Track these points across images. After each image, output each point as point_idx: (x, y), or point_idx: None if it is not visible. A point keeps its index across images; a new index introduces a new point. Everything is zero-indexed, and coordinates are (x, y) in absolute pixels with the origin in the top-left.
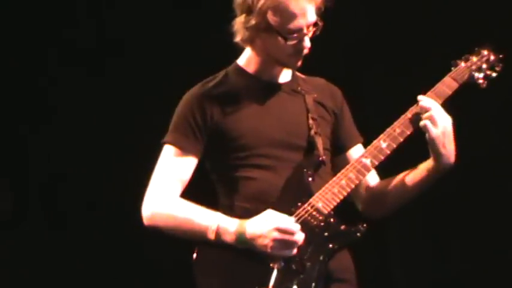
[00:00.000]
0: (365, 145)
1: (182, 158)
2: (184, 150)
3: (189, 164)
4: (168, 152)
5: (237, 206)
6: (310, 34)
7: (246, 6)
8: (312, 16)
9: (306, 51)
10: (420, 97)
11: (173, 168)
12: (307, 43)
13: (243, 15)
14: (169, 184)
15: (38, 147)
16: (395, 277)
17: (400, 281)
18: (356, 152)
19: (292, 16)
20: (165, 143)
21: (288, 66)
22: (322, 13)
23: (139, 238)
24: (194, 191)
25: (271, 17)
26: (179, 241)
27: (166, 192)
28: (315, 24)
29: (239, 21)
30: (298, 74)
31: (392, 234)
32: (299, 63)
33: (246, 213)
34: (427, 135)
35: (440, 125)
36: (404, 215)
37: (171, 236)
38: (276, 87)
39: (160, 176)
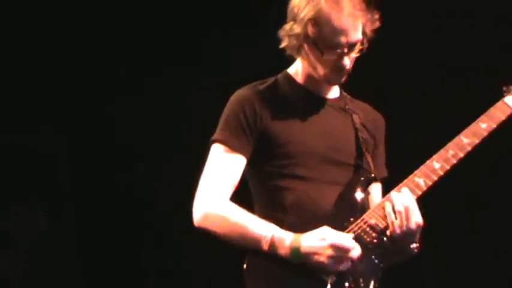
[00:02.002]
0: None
1: (233, 158)
2: (235, 149)
3: (239, 164)
4: (218, 150)
5: (272, 216)
6: (353, 54)
7: (293, 14)
8: (355, 35)
9: (346, 69)
10: (393, 194)
11: (224, 168)
12: (346, 61)
13: (290, 23)
14: (221, 185)
15: None
16: None
17: None
18: (375, 187)
19: (332, 31)
20: (214, 141)
21: (327, 82)
22: (369, 34)
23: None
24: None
25: (311, 28)
26: (228, 247)
27: (219, 194)
28: (361, 43)
29: (285, 29)
30: (345, 93)
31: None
32: (340, 80)
33: (281, 225)
34: (390, 229)
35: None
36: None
37: (220, 239)
38: (323, 102)
39: (211, 176)
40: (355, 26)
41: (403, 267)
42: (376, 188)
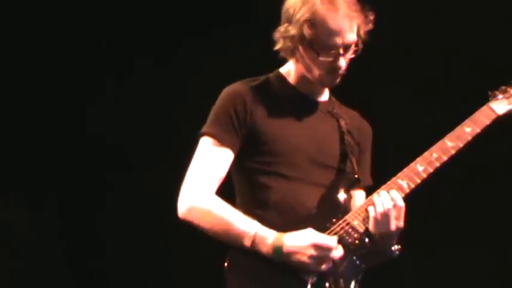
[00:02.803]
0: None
1: (221, 152)
2: (224, 143)
3: (227, 158)
4: (207, 144)
5: (253, 212)
6: (348, 55)
7: (288, 15)
8: (350, 37)
9: (341, 71)
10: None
11: (211, 162)
12: (341, 63)
13: (285, 25)
14: (207, 179)
15: None
16: None
17: None
18: (359, 194)
19: (328, 32)
20: (203, 134)
21: (321, 84)
22: (364, 37)
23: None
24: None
25: (306, 30)
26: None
27: (205, 188)
28: (355, 45)
29: (280, 30)
30: (334, 98)
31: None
32: (333, 82)
33: (261, 222)
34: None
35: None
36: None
37: (204, 232)
38: (313, 104)
39: (198, 169)
40: (351, 27)
41: (383, 269)
42: (359, 195)
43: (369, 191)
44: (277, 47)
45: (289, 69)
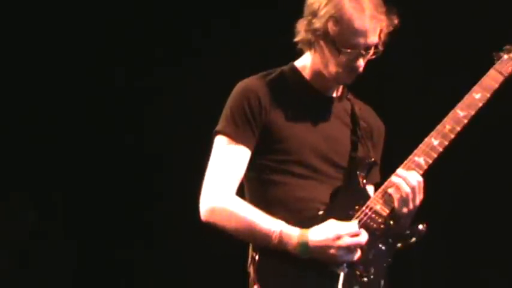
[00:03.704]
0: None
1: (237, 150)
2: (239, 141)
3: (244, 156)
4: (222, 142)
5: (263, 210)
6: (367, 56)
7: (312, 9)
8: (373, 38)
9: (359, 71)
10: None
11: (229, 161)
12: (360, 63)
13: (308, 17)
14: (227, 180)
15: None
16: None
17: None
18: (369, 189)
19: (353, 31)
20: (218, 132)
21: (337, 82)
22: (385, 40)
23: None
24: None
25: (331, 26)
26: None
27: (225, 189)
28: (376, 47)
29: (302, 23)
30: (348, 92)
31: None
32: (349, 80)
33: None
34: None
35: (411, 205)
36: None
37: (228, 234)
38: (327, 100)
39: (216, 170)
40: (375, 29)
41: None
42: (369, 191)
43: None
44: (297, 38)
45: (305, 63)
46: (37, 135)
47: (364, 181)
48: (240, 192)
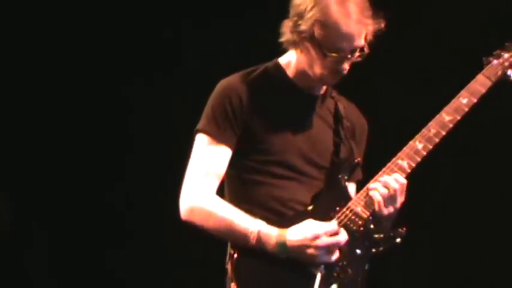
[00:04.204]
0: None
1: (218, 149)
2: (220, 140)
3: (224, 156)
4: (203, 142)
5: (242, 210)
6: (353, 58)
7: (299, 10)
8: (359, 41)
9: (344, 73)
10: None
11: (210, 161)
12: (345, 66)
13: (294, 19)
14: (207, 179)
15: None
16: None
17: None
18: (350, 188)
19: (339, 35)
20: (199, 131)
21: (322, 83)
22: (371, 42)
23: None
24: None
25: (317, 30)
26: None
27: (205, 188)
28: (361, 50)
29: (288, 23)
30: (333, 89)
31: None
32: (333, 81)
33: None
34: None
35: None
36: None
37: (207, 233)
38: (310, 99)
39: (197, 169)
40: (361, 33)
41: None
42: (351, 189)
43: (361, 185)
44: (283, 39)
45: (290, 61)
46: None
47: (346, 183)
48: (221, 190)
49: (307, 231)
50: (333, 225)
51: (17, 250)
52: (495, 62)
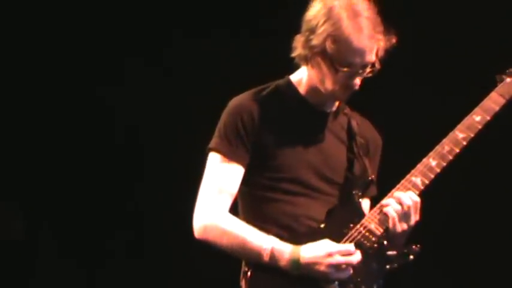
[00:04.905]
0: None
1: (230, 168)
2: (232, 158)
3: (237, 174)
4: (215, 160)
5: (256, 226)
6: (364, 74)
7: (311, 25)
8: (370, 57)
9: (355, 88)
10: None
11: (222, 179)
12: (357, 81)
13: (306, 34)
14: (220, 197)
15: None
16: None
17: None
18: (364, 204)
19: (350, 51)
20: (211, 149)
21: (333, 98)
22: (382, 57)
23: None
24: None
25: (329, 44)
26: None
27: (217, 206)
28: (372, 65)
29: (300, 38)
30: (345, 106)
31: None
32: (345, 97)
33: None
34: (390, 223)
35: (405, 225)
36: None
37: (221, 250)
38: (322, 116)
39: (209, 187)
40: (372, 48)
41: None
42: (365, 204)
43: (374, 202)
44: (294, 54)
45: (301, 78)
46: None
47: (360, 200)
48: (235, 208)
49: (321, 249)
50: (349, 246)
51: (29, 258)
52: (508, 80)
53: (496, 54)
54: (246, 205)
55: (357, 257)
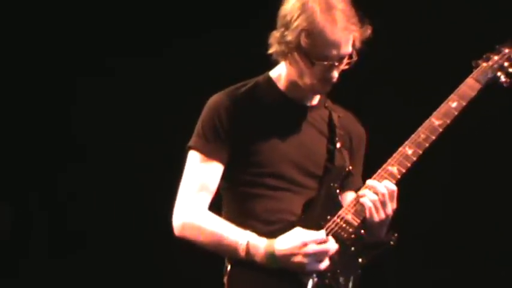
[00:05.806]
0: None
1: (209, 166)
2: (211, 156)
3: (216, 171)
4: (195, 158)
5: (238, 222)
6: (341, 66)
7: (285, 21)
8: (346, 48)
9: (333, 81)
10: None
11: (201, 177)
12: (334, 74)
13: (281, 30)
14: (198, 195)
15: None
16: None
17: None
18: (349, 197)
19: (325, 43)
20: (190, 148)
21: (313, 92)
22: (359, 48)
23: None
24: None
25: (303, 39)
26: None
27: (196, 204)
28: (350, 57)
29: (275, 35)
30: (327, 99)
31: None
32: (324, 90)
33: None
34: (367, 213)
35: (382, 213)
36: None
37: (200, 247)
38: (302, 110)
39: (188, 185)
40: (347, 40)
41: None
42: (350, 197)
43: None
44: (271, 50)
45: (280, 73)
46: None
47: (338, 191)
48: (219, 204)
49: (295, 240)
50: (321, 233)
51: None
52: (484, 64)
53: (473, 38)
54: (229, 201)
55: (332, 244)
